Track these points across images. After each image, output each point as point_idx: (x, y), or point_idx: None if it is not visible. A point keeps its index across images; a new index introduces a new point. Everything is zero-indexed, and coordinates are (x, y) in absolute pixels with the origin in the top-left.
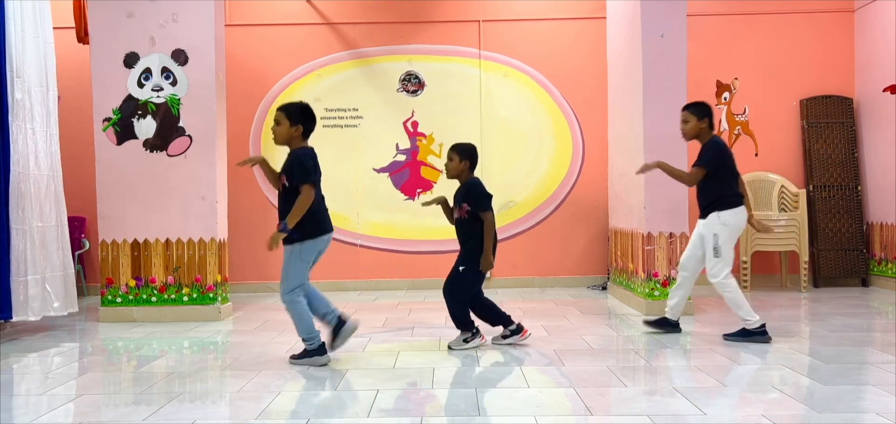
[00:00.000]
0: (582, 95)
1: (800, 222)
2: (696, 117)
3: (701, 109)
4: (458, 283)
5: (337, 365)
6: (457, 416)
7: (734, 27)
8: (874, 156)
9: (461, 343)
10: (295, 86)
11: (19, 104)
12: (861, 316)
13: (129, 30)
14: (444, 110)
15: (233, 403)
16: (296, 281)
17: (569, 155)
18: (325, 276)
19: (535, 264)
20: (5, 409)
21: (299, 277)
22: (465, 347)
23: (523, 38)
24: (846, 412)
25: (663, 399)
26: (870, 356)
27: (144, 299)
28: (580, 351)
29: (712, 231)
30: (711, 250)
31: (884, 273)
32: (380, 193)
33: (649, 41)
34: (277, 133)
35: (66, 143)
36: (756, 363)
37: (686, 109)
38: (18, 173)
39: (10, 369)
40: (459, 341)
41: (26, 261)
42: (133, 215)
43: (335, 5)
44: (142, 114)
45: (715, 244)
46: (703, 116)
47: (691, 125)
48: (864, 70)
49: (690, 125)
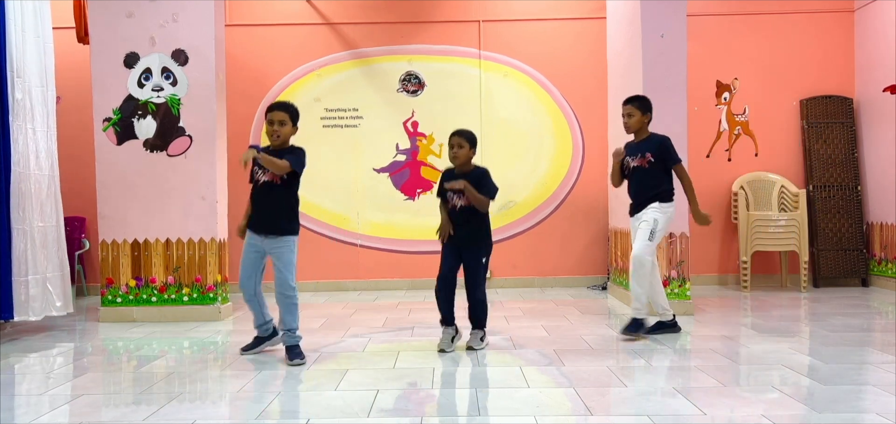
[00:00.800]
0: (582, 95)
1: (800, 222)
2: (641, 112)
3: (646, 104)
4: (482, 274)
5: (337, 365)
6: (457, 416)
7: (734, 27)
8: (874, 156)
9: (479, 343)
10: (295, 86)
11: (20, 104)
12: (861, 316)
13: (129, 30)
14: (444, 110)
15: (233, 403)
16: (295, 275)
17: (569, 155)
18: (325, 276)
19: (535, 264)
20: (5, 409)
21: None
22: (483, 346)
23: (523, 38)
24: (846, 412)
25: (663, 399)
26: (870, 356)
27: (144, 299)
28: (580, 351)
29: (654, 216)
30: (648, 232)
31: (884, 273)
32: (380, 193)
33: (649, 41)
34: (284, 133)
35: (67, 143)
36: (756, 363)
37: (632, 102)
38: (19, 173)
39: (10, 369)
40: (478, 339)
41: (27, 261)
42: (133, 215)
43: (335, 5)
44: (142, 114)
45: (653, 228)
46: (646, 110)
47: (636, 119)
48: (864, 70)
49: (635, 119)
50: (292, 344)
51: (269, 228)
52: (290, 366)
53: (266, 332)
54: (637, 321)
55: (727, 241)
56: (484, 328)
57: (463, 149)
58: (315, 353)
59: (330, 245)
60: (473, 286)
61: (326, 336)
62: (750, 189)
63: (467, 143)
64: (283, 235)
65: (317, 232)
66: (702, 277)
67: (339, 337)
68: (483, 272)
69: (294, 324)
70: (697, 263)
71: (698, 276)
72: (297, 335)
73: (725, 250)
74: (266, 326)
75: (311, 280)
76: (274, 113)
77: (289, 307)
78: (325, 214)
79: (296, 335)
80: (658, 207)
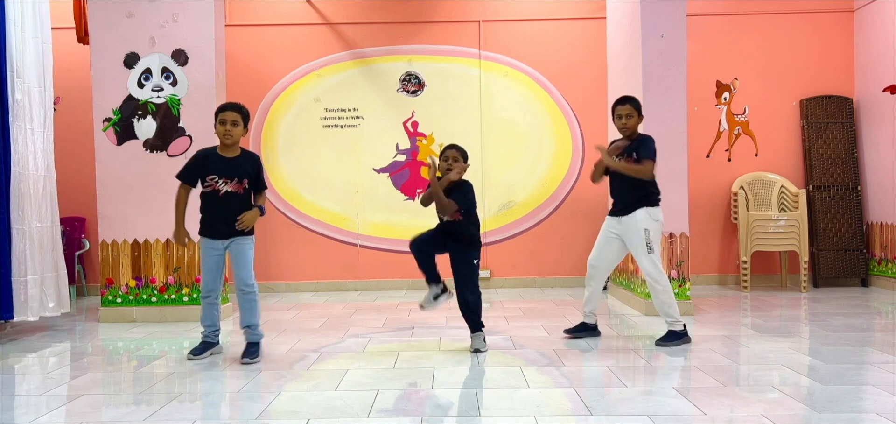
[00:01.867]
0: (582, 95)
1: (800, 222)
2: (638, 113)
3: (639, 105)
4: (474, 275)
5: (337, 365)
6: (457, 416)
7: (734, 27)
8: (874, 156)
9: (484, 343)
10: (295, 86)
11: (19, 105)
12: (861, 316)
13: (129, 30)
14: (444, 111)
15: (233, 403)
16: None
17: (569, 155)
18: (325, 276)
19: (535, 264)
20: (5, 409)
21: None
22: (487, 348)
23: (523, 38)
24: (846, 412)
25: (663, 399)
26: (870, 356)
27: (144, 299)
28: (580, 351)
29: (642, 226)
30: (644, 246)
31: (884, 273)
32: (380, 193)
33: (649, 41)
34: (236, 134)
35: (67, 143)
36: (756, 363)
37: (630, 102)
38: (18, 173)
39: (10, 369)
40: (481, 341)
41: (26, 261)
42: (133, 216)
43: (335, 5)
44: (142, 114)
45: (647, 240)
46: (641, 111)
47: (635, 119)
48: (864, 70)
49: (635, 119)
50: (254, 341)
51: (234, 232)
52: (242, 364)
53: (215, 338)
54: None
55: (727, 241)
56: (481, 329)
57: (459, 162)
58: (315, 353)
59: (330, 245)
60: (464, 287)
61: (326, 336)
62: (750, 189)
63: (462, 158)
64: (245, 235)
65: (317, 232)
66: (702, 277)
67: (339, 337)
68: (475, 272)
69: (255, 320)
70: (697, 263)
71: (698, 276)
72: (259, 332)
73: (725, 250)
74: (216, 332)
75: (311, 280)
76: (227, 113)
77: (250, 304)
78: (325, 214)
79: (258, 331)
80: (646, 214)
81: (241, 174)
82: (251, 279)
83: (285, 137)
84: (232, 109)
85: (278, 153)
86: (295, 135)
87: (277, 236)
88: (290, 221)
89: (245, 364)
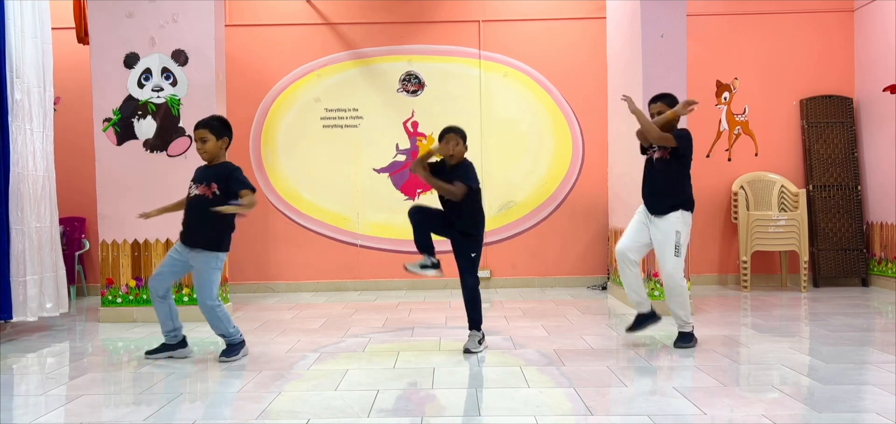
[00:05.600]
0: (582, 95)
1: (800, 222)
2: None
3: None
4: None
5: (337, 365)
6: (457, 416)
7: (734, 27)
8: (874, 156)
9: (477, 346)
10: (295, 86)
11: (19, 105)
12: (861, 316)
13: (129, 30)
14: (444, 111)
15: (233, 403)
16: (216, 289)
17: (569, 155)
18: (326, 276)
19: (535, 264)
20: (5, 409)
21: (217, 285)
22: (481, 349)
23: (523, 38)
24: (846, 412)
25: (663, 399)
26: (870, 356)
27: (145, 299)
28: (580, 351)
29: (675, 228)
30: (673, 247)
31: (884, 273)
32: (380, 193)
33: (649, 41)
34: (209, 149)
35: (67, 143)
36: (756, 363)
37: (662, 99)
38: (18, 173)
39: (9, 369)
40: (476, 342)
41: (25, 261)
42: (133, 216)
43: (335, 5)
44: (142, 114)
45: (677, 242)
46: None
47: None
48: (864, 70)
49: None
50: (233, 343)
51: (193, 241)
52: (219, 361)
53: (174, 340)
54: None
55: (727, 241)
56: (480, 328)
57: (459, 146)
58: (315, 353)
59: (330, 245)
60: (465, 273)
61: (326, 336)
62: (750, 189)
63: (461, 139)
64: (205, 249)
65: (317, 232)
66: (702, 277)
67: (339, 337)
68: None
69: (224, 330)
70: (697, 263)
71: (698, 276)
72: (235, 336)
73: (725, 250)
74: (174, 333)
75: (311, 280)
76: (196, 131)
77: (215, 318)
78: (325, 214)
79: (234, 336)
80: (681, 217)
81: (208, 179)
82: (210, 299)
83: (285, 137)
84: (199, 126)
85: (278, 153)
86: (295, 135)
87: (277, 236)
88: (290, 221)
89: (222, 362)
